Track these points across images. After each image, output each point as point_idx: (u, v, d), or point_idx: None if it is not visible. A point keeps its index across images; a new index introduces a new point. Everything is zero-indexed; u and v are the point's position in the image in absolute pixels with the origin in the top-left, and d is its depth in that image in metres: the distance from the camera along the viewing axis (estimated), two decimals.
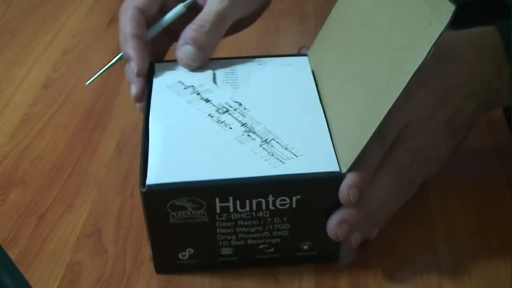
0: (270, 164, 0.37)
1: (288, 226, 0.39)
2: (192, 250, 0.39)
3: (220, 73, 0.45)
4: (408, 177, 0.42)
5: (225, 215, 0.37)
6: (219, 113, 0.41)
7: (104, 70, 0.48)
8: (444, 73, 0.42)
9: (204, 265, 0.40)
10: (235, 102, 0.42)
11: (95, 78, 0.48)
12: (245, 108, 0.42)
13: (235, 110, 0.41)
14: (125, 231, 0.44)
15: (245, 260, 0.40)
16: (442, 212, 0.45)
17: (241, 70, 0.46)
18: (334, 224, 0.38)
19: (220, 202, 0.37)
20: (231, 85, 0.44)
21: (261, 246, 0.40)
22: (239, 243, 0.39)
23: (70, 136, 0.53)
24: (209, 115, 0.41)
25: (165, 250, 0.40)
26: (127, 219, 0.45)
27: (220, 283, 0.41)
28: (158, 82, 0.44)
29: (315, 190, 0.37)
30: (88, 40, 0.66)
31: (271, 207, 0.37)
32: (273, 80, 0.44)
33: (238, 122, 0.40)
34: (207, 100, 0.42)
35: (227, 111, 0.41)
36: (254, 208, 0.37)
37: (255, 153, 0.38)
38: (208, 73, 0.45)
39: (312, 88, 0.44)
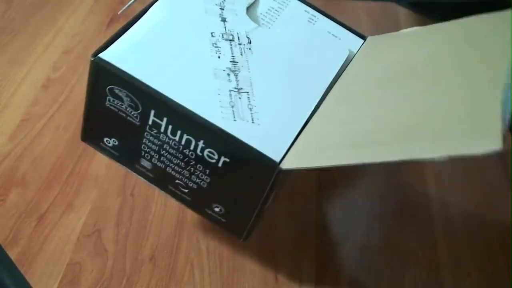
0: (221, 113, 0.35)
1: (208, 180, 0.37)
2: (116, 142, 0.38)
3: (264, 5, 0.41)
4: None
5: (155, 131, 0.36)
6: (223, 37, 0.38)
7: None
8: None
9: (124, 163, 0.39)
10: (247, 37, 0.39)
11: (127, 7, 0.43)
12: (250, 49, 0.38)
13: (239, 44, 0.38)
14: (125, 231, 0.44)
15: (159, 183, 0.39)
16: (442, 212, 0.45)
17: (286, 15, 0.41)
18: None
19: (154, 116, 0.35)
20: (260, 23, 0.40)
21: (177, 181, 0.38)
22: (159, 164, 0.38)
23: (70, 136, 0.53)
24: (212, 33, 0.38)
25: (94, 126, 0.39)
26: (127, 219, 0.45)
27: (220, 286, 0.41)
28: None
29: (245, 163, 0.34)
30: (88, 40, 0.66)
31: (198, 152, 0.35)
32: (305, 42, 0.40)
33: (230, 57, 0.37)
34: (224, 20, 0.39)
35: (231, 40, 0.38)
36: (183, 142, 0.36)
37: (218, 94, 0.35)
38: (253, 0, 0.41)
39: (330, 76, 0.39)
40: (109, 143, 0.39)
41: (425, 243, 0.43)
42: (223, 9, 0.40)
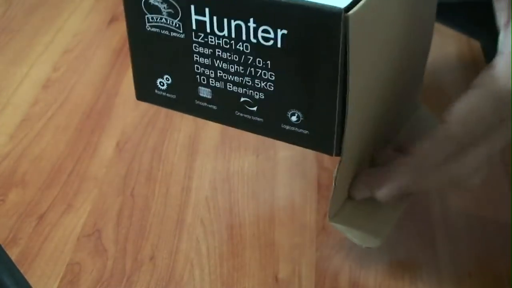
0: None
1: (273, 77, 0.34)
2: (170, 79, 0.37)
3: None
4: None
5: (202, 35, 0.34)
6: None
7: None
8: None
9: (183, 106, 0.38)
10: None
11: None
12: None
13: None
14: (125, 231, 0.44)
15: (225, 113, 0.37)
16: (441, 211, 0.45)
17: None
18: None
19: (195, 13, 0.34)
20: None
21: (242, 99, 0.36)
22: (218, 85, 0.36)
23: (70, 136, 0.53)
24: None
25: (144, 69, 0.38)
26: (127, 219, 0.45)
27: (220, 283, 0.41)
28: None
29: (305, 24, 0.31)
30: (88, 40, 0.66)
31: (252, 38, 0.33)
32: None
33: None
34: None
35: None
36: (234, 35, 0.33)
37: None
38: None
39: None
40: (163, 84, 0.37)
41: (425, 243, 0.43)
42: None
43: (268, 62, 0.34)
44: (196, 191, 0.47)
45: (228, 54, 0.35)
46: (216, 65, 0.35)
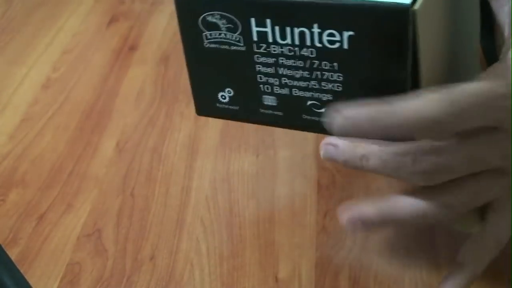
0: None
1: (341, 78, 0.33)
2: (231, 91, 0.37)
3: None
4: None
5: (264, 46, 0.34)
6: None
7: None
8: None
9: (247, 116, 0.37)
10: None
11: None
12: None
13: None
14: (125, 231, 0.44)
15: (292, 118, 0.36)
16: None
17: None
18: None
19: (256, 25, 0.33)
20: None
21: (309, 102, 0.35)
22: (283, 91, 0.35)
23: (70, 136, 0.53)
24: None
25: (204, 85, 0.37)
26: (127, 219, 0.45)
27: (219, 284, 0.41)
28: None
29: (371, 23, 0.31)
30: (88, 40, 0.66)
31: (317, 43, 0.33)
32: None
33: None
34: None
35: None
36: (297, 42, 0.33)
37: None
38: None
39: None
40: (225, 98, 0.37)
41: (425, 243, 0.43)
42: None
43: (335, 64, 0.33)
44: (196, 191, 0.47)
45: (292, 61, 0.34)
46: (280, 72, 0.35)
